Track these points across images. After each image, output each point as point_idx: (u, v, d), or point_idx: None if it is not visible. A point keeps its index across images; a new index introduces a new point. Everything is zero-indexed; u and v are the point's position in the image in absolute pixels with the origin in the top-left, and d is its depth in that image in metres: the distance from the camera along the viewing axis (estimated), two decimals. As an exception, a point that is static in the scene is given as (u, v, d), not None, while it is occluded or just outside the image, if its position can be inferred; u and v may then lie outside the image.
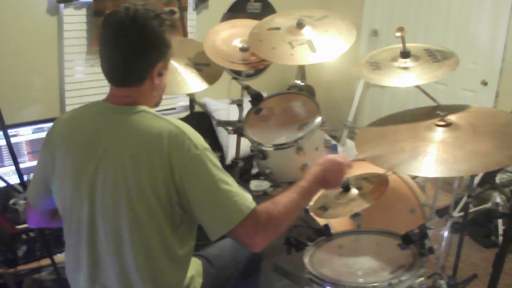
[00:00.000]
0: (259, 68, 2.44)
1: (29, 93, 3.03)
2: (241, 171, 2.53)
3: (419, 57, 1.95)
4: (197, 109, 3.00)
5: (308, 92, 2.29)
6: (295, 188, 1.51)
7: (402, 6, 4.11)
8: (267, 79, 4.10)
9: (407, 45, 1.95)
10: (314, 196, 1.58)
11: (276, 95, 2.25)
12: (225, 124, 2.46)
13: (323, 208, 1.86)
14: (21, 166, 2.14)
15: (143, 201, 1.35)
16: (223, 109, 3.72)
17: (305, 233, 1.90)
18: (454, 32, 3.75)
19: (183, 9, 3.19)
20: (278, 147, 1.98)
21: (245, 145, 2.29)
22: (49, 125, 2.56)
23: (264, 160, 2.00)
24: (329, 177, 1.60)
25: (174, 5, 3.13)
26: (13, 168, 2.00)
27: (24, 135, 2.52)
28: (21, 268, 2.18)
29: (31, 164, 2.51)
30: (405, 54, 1.95)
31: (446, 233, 1.97)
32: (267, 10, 4.01)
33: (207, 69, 2.31)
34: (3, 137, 2.10)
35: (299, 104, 2.13)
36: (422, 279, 1.57)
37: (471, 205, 2.83)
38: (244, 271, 1.84)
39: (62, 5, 3.01)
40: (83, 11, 3.11)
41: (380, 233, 1.81)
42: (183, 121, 1.44)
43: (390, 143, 1.72)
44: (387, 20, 4.21)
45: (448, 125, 1.70)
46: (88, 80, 3.23)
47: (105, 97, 1.48)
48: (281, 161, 2.00)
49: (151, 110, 1.44)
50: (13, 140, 2.29)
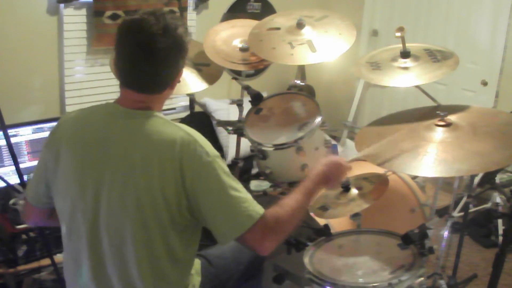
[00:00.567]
0: (259, 68, 2.44)
1: (29, 93, 3.02)
2: (241, 171, 2.53)
3: (419, 57, 1.95)
4: (197, 109, 2.99)
5: (308, 92, 2.29)
6: (300, 188, 1.54)
7: (402, 6, 4.11)
8: (267, 79, 4.09)
9: (407, 45, 1.95)
10: (316, 195, 1.62)
11: (276, 95, 2.25)
12: (225, 124, 2.46)
13: (323, 208, 1.86)
14: (21, 166, 2.14)
15: (152, 204, 1.35)
16: (223, 109, 3.71)
17: (305, 233, 1.90)
18: (454, 32, 3.75)
19: (183, 9, 3.19)
20: (278, 147, 1.98)
21: (245, 145, 2.29)
22: (49, 125, 2.56)
23: (264, 160, 2.00)
24: (331, 176, 1.66)
25: (174, 5, 3.13)
26: (13, 168, 2.00)
27: (24, 135, 2.51)
28: (21, 268, 2.18)
29: (31, 164, 2.51)
30: (405, 54, 1.95)
31: (446, 233, 1.97)
32: (267, 10, 4.01)
33: (207, 69, 2.30)
34: (3, 137, 2.10)
35: (299, 104, 2.13)
36: (422, 279, 1.57)
37: (471, 205, 2.83)
38: (245, 273, 1.84)
39: (62, 5, 3.00)
40: (83, 11, 3.10)
41: (380, 233, 1.81)
42: (183, 121, 1.45)
43: (390, 143, 1.72)
44: (387, 20, 4.21)
45: (448, 125, 1.70)
46: (88, 80, 3.23)
47: (116, 98, 1.47)
48: (281, 161, 2.00)
49: (162, 115, 1.45)
50: (13, 140, 2.29)
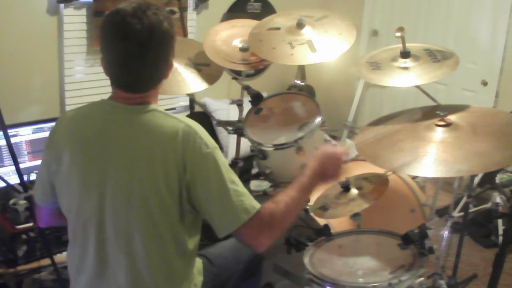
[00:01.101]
0: (259, 68, 2.44)
1: (29, 93, 3.02)
2: (241, 171, 2.53)
3: (419, 57, 1.95)
4: (197, 109, 3.00)
5: (308, 92, 2.29)
6: (295, 185, 1.51)
7: (402, 6, 4.11)
8: (267, 79, 4.09)
9: (407, 45, 1.95)
10: (313, 191, 1.57)
11: (276, 95, 2.25)
12: (225, 124, 2.46)
13: (323, 208, 1.86)
14: (21, 166, 2.14)
15: (158, 198, 1.36)
16: (223, 109, 3.71)
17: (305, 233, 1.90)
18: (454, 32, 3.75)
19: (183, 9, 3.18)
20: (278, 147, 1.98)
21: (245, 145, 2.29)
22: (49, 125, 2.56)
23: (264, 160, 2.00)
24: (327, 170, 1.60)
25: (174, 5, 3.13)
26: (13, 168, 2.00)
27: (24, 135, 2.51)
28: (21, 268, 2.18)
29: (31, 164, 2.51)
30: (405, 54, 1.94)
31: (446, 233, 1.96)
32: (267, 10, 4.01)
33: (207, 69, 2.30)
34: (3, 137, 2.09)
35: (299, 104, 2.14)
36: (422, 279, 1.57)
37: (471, 205, 2.83)
38: (245, 271, 1.84)
39: (62, 5, 3.00)
40: (83, 11, 3.10)
41: (380, 233, 1.81)
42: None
43: (390, 143, 1.72)
44: (387, 20, 4.21)
45: (448, 125, 1.70)
46: (88, 80, 3.23)
47: (110, 95, 1.46)
48: (281, 161, 2.00)
49: (161, 108, 1.45)
50: (13, 140, 2.28)
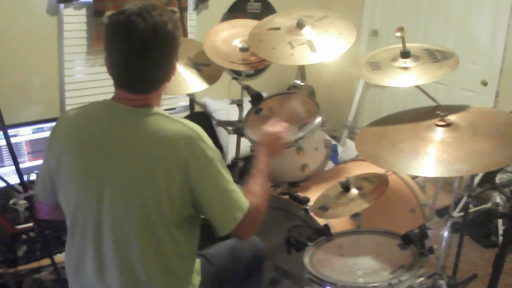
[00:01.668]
0: (259, 68, 2.44)
1: (29, 93, 3.02)
2: (241, 171, 2.53)
3: (419, 57, 1.95)
4: (197, 109, 3.00)
5: (308, 92, 2.29)
6: (258, 173, 1.62)
7: (402, 6, 4.11)
8: (267, 79, 4.09)
9: (407, 45, 1.95)
10: (271, 168, 1.69)
11: (276, 95, 2.26)
12: (225, 124, 2.46)
13: (323, 208, 1.86)
14: (21, 166, 2.13)
15: (157, 202, 1.37)
16: (223, 109, 3.71)
17: (305, 233, 1.90)
18: (454, 32, 3.75)
19: (183, 9, 3.19)
20: (278, 147, 1.97)
21: (245, 145, 2.29)
22: (49, 125, 2.56)
23: (264, 160, 2.00)
24: (273, 147, 1.80)
25: (174, 5, 3.13)
26: (13, 168, 1.99)
27: (24, 135, 2.51)
28: (21, 268, 2.18)
29: (31, 164, 2.51)
30: (405, 54, 1.94)
31: (446, 233, 1.96)
32: (267, 10, 4.01)
33: (207, 69, 2.30)
34: (3, 137, 2.09)
35: (299, 104, 2.14)
36: (422, 279, 1.57)
37: (471, 205, 2.83)
38: (245, 272, 1.85)
39: (62, 5, 3.00)
40: (83, 11, 3.10)
41: (380, 233, 1.81)
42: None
43: (390, 143, 1.72)
44: (387, 20, 4.21)
45: (448, 125, 1.70)
46: (88, 80, 3.22)
47: (112, 96, 1.46)
48: (281, 161, 2.00)
49: (164, 111, 1.45)
50: (13, 140, 2.28)
